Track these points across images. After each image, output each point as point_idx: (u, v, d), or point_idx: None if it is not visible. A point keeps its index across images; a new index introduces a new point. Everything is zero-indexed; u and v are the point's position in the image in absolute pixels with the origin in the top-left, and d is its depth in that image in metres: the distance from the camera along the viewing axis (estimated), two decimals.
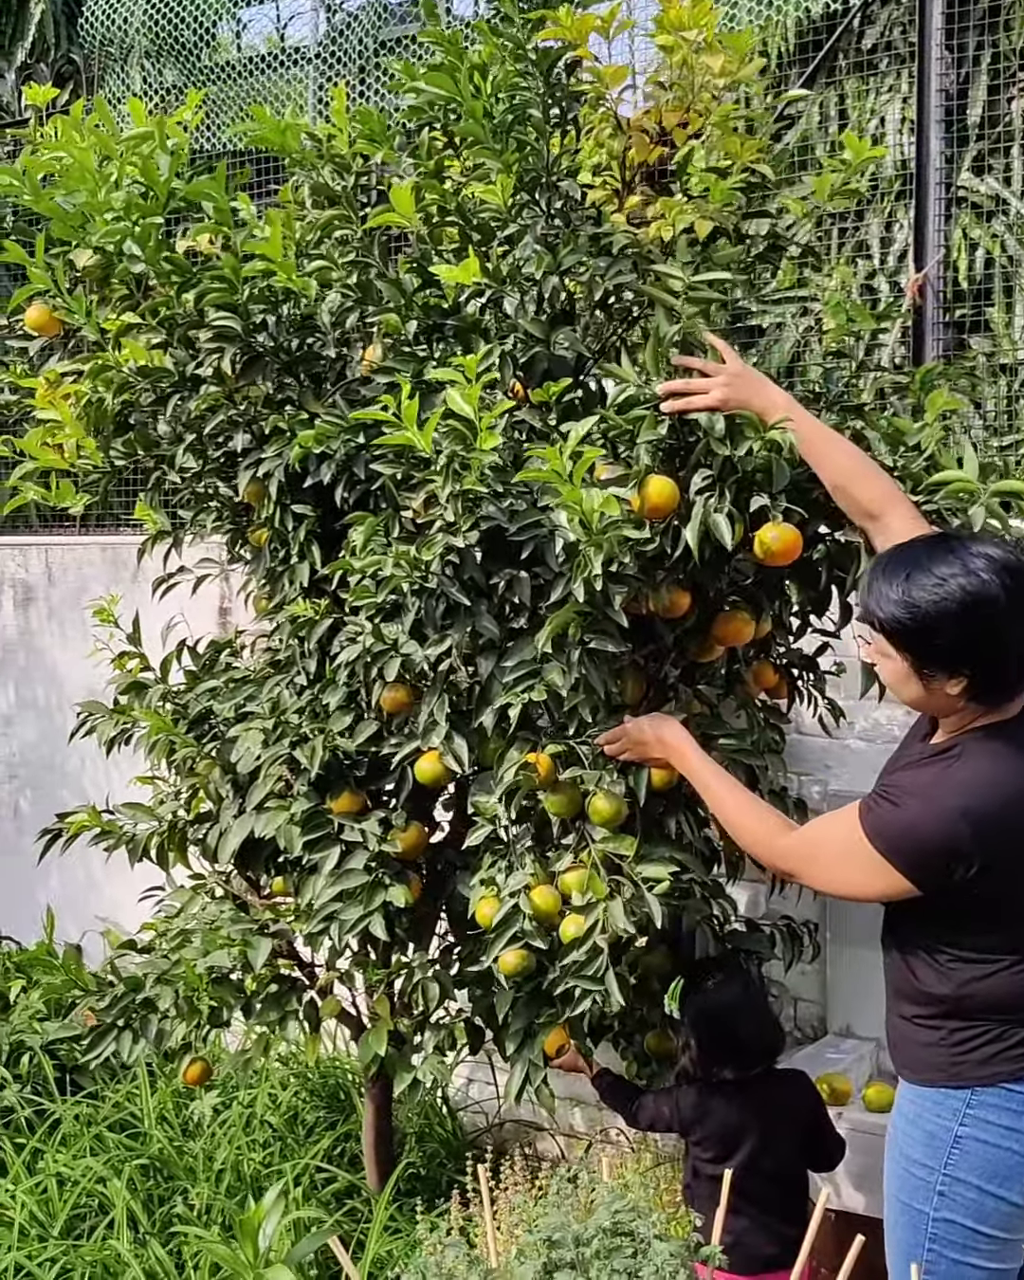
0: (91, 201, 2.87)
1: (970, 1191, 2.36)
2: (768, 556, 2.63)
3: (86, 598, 5.39)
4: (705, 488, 2.59)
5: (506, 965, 2.74)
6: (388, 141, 3.05)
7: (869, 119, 3.99)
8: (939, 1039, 2.39)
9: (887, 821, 2.32)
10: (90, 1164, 3.71)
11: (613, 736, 2.72)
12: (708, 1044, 2.91)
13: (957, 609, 2.25)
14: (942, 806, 2.28)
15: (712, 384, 2.57)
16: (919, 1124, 2.42)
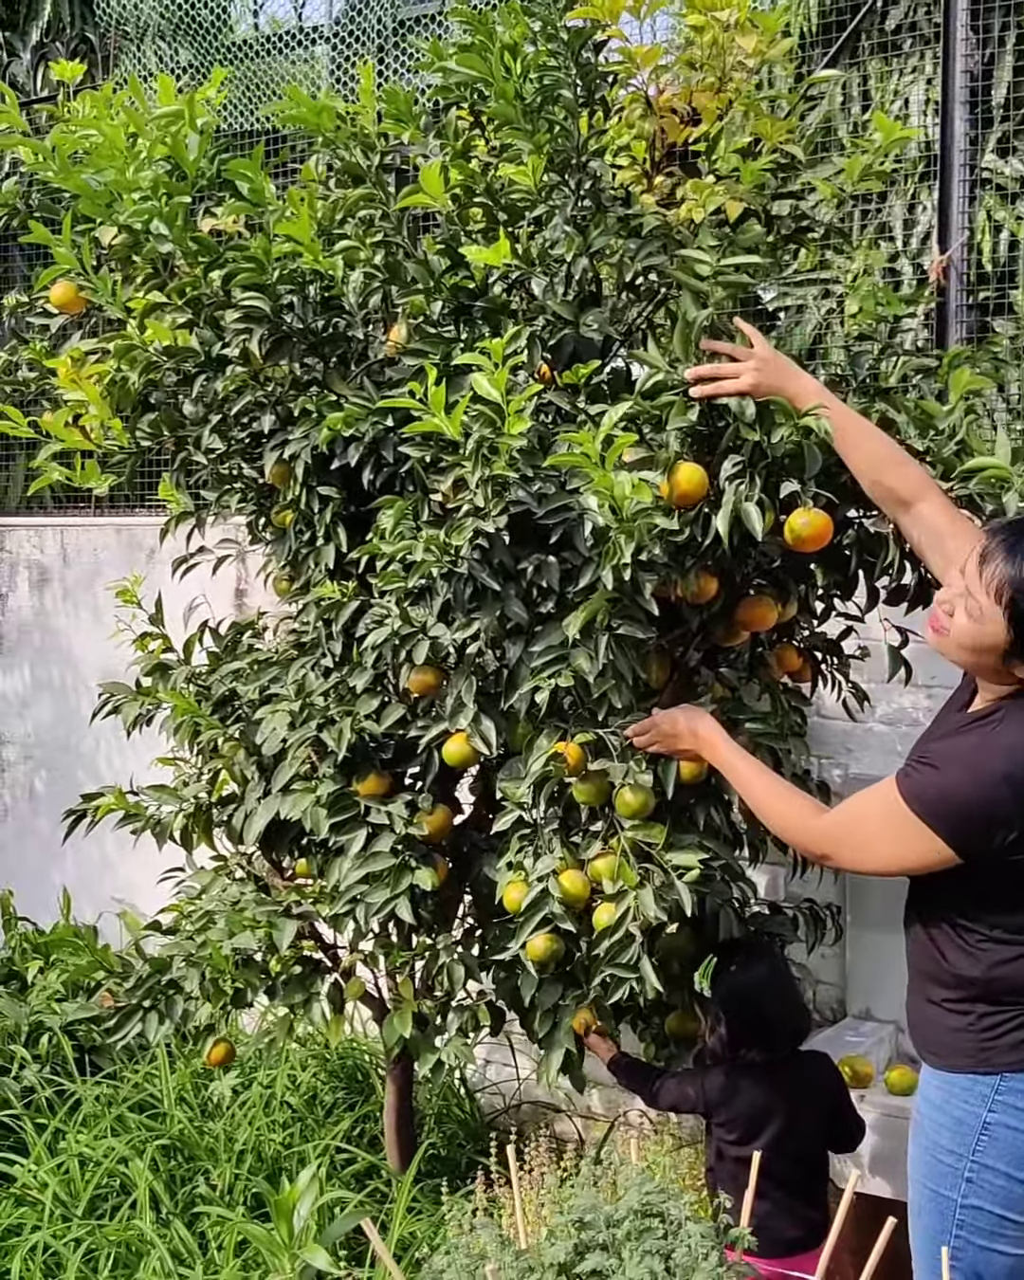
0: (120, 179, 2.86)
1: (999, 1178, 2.35)
2: (798, 542, 2.62)
3: (101, 579, 5.41)
4: (736, 474, 2.58)
5: (535, 950, 2.74)
6: (414, 121, 3.04)
7: (892, 100, 3.97)
8: (968, 1024, 2.38)
9: (926, 785, 2.31)
10: (112, 1144, 3.72)
11: (642, 729, 2.71)
12: (737, 1025, 2.91)
13: None
14: (984, 770, 2.27)
15: (742, 369, 2.56)
16: (947, 1110, 2.41)
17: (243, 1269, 3.19)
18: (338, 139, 2.97)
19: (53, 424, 3.01)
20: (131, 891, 5.25)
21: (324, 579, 3.02)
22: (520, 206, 2.78)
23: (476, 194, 2.81)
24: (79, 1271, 3.15)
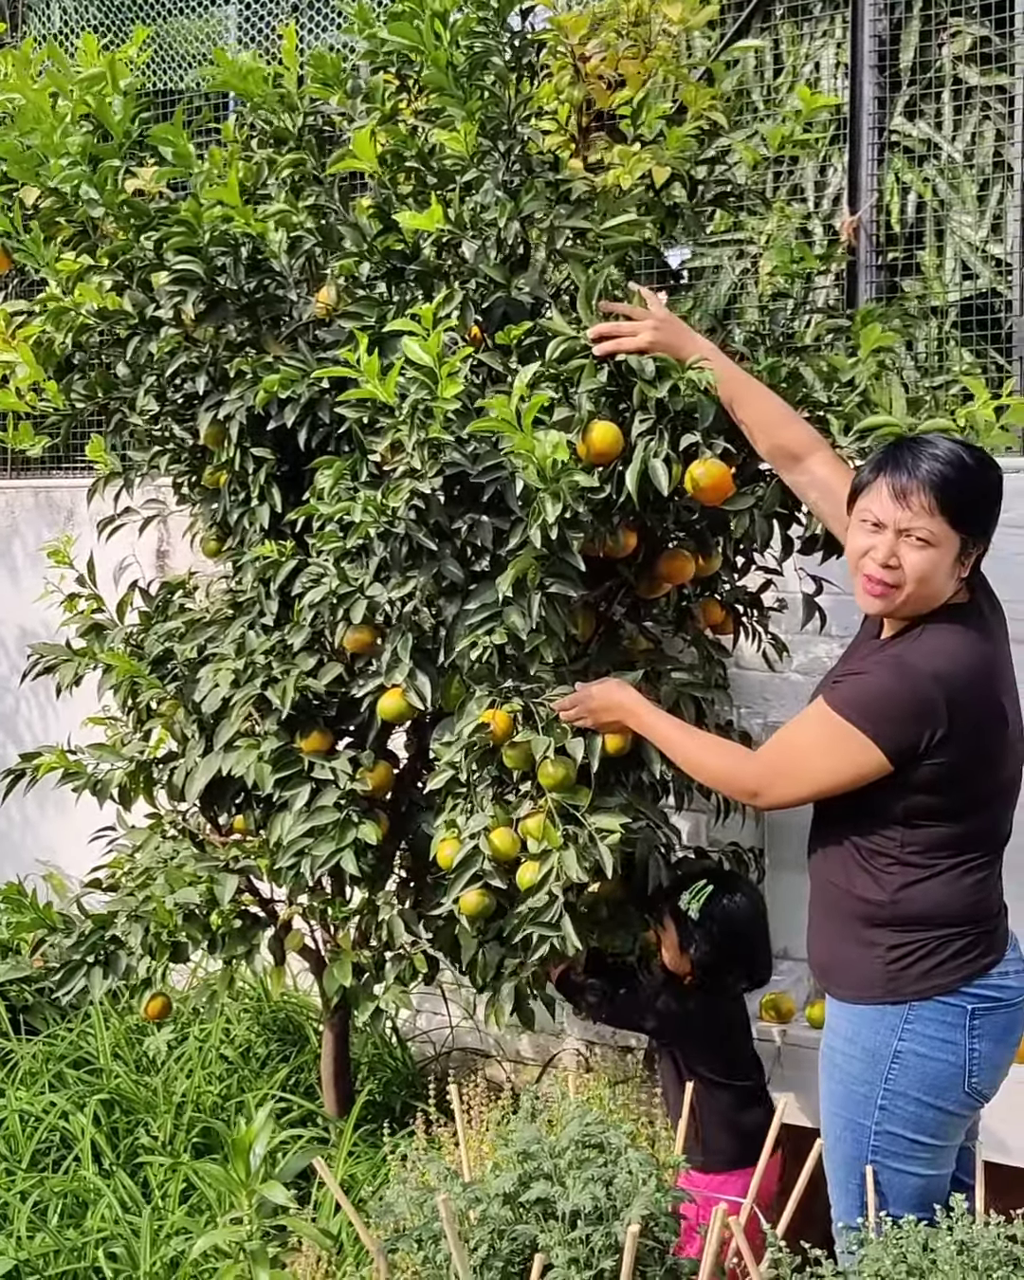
0: (47, 143, 2.86)
1: (910, 1104, 2.48)
2: (698, 493, 2.70)
3: (18, 541, 5.38)
4: (645, 431, 2.67)
5: (467, 905, 2.82)
6: (341, 85, 3.07)
7: (804, 64, 4.05)
8: (875, 956, 2.49)
9: (858, 691, 2.41)
10: (52, 1100, 3.77)
11: (569, 703, 2.77)
12: (724, 952, 3.03)
13: (996, 478, 2.43)
14: (912, 669, 2.38)
15: (639, 327, 2.66)
16: (858, 1041, 2.52)
17: (188, 1214, 3.27)
18: (265, 102, 3.00)
19: None
20: (54, 853, 5.27)
21: (259, 539, 3.07)
22: (451, 171, 2.83)
23: (407, 159, 2.85)
24: (28, 1221, 3.20)
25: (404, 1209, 2.50)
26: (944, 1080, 2.47)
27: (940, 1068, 2.47)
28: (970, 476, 2.39)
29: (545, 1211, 2.43)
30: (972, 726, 2.39)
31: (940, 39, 3.85)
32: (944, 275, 3.84)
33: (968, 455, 2.41)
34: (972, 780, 2.43)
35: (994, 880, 2.53)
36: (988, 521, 2.45)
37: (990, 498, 2.44)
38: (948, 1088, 2.47)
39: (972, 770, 2.41)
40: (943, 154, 3.85)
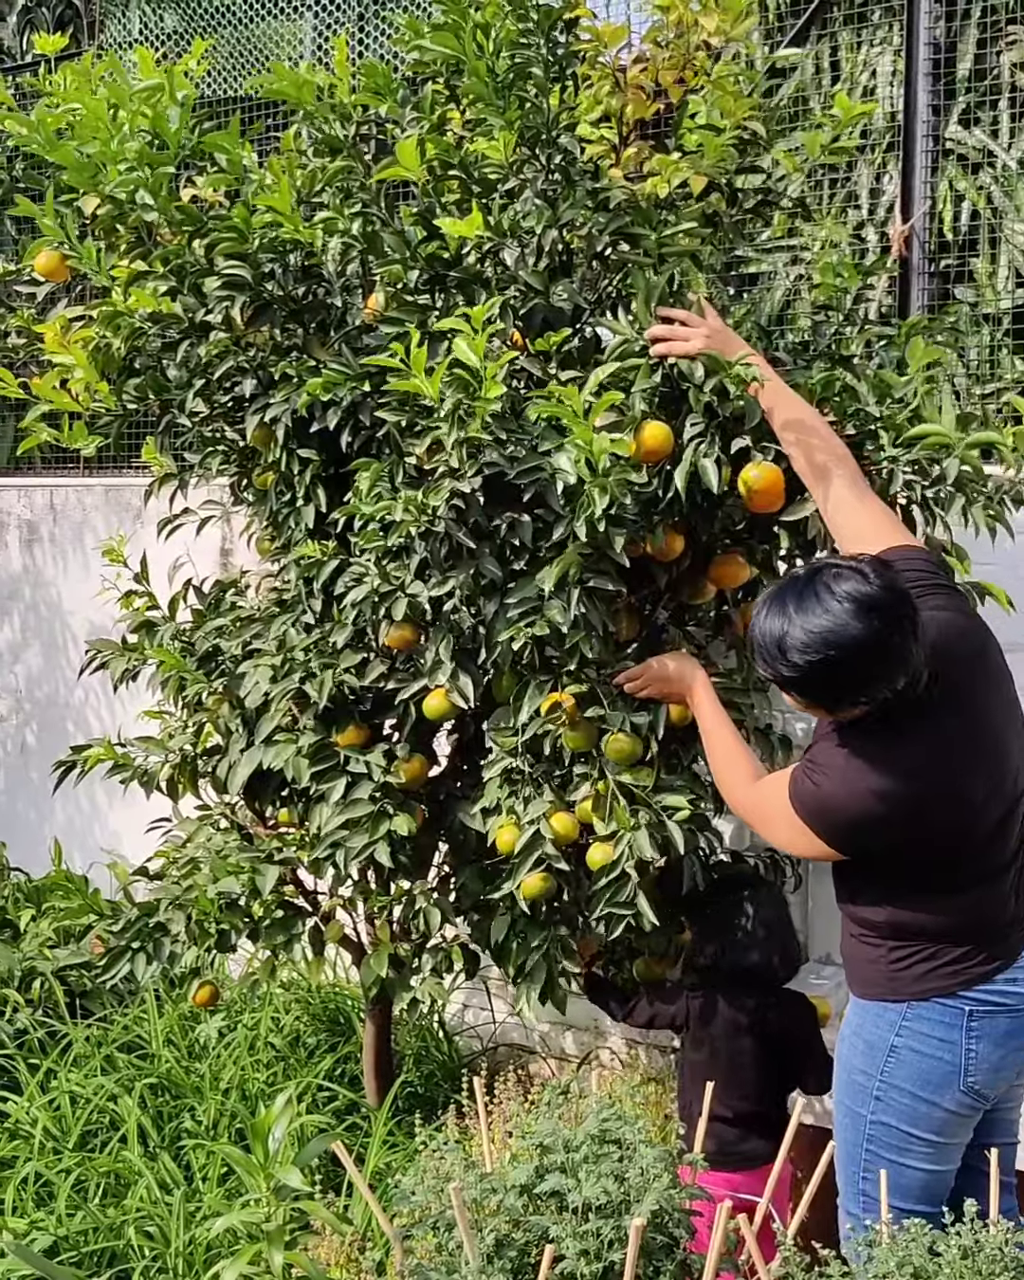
0: (104, 151, 2.95)
1: (904, 1098, 2.52)
2: (750, 495, 2.74)
3: (90, 537, 5.51)
4: (696, 435, 2.73)
5: (530, 889, 2.89)
6: (391, 95, 3.13)
7: (861, 71, 4.06)
8: (879, 955, 2.55)
9: (807, 794, 2.49)
10: (102, 1082, 3.86)
11: (634, 674, 2.88)
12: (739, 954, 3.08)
13: (834, 663, 2.33)
14: (853, 787, 2.43)
15: (692, 333, 2.73)
16: (861, 1034, 2.59)
17: (225, 1197, 3.35)
18: (317, 112, 3.06)
19: (42, 386, 3.11)
20: (119, 842, 5.38)
21: (304, 538, 3.14)
22: (492, 179, 2.88)
23: (451, 167, 2.91)
24: (69, 1199, 3.30)
25: (423, 1196, 2.56)
26: (939, 1077, 2.51)
27: (935, 1065, 2.50)
28: (794, 674, 2.38)
29: (560, 1204, 2.47)
30: (917, 817, 2.42)
31: (997, 47, 3.84)
32: (997, 283, 3.84)
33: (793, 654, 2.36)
34: (938, 842, 2.46)
35: (998, 899, 2.53)
36: (832, 698, 2.42)
37: (818, 685, 2.40)
38: (943, 1085, 2.51)
39: (943, 841, 2.45)
40: (998, 162, 3.85)
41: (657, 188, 2.71)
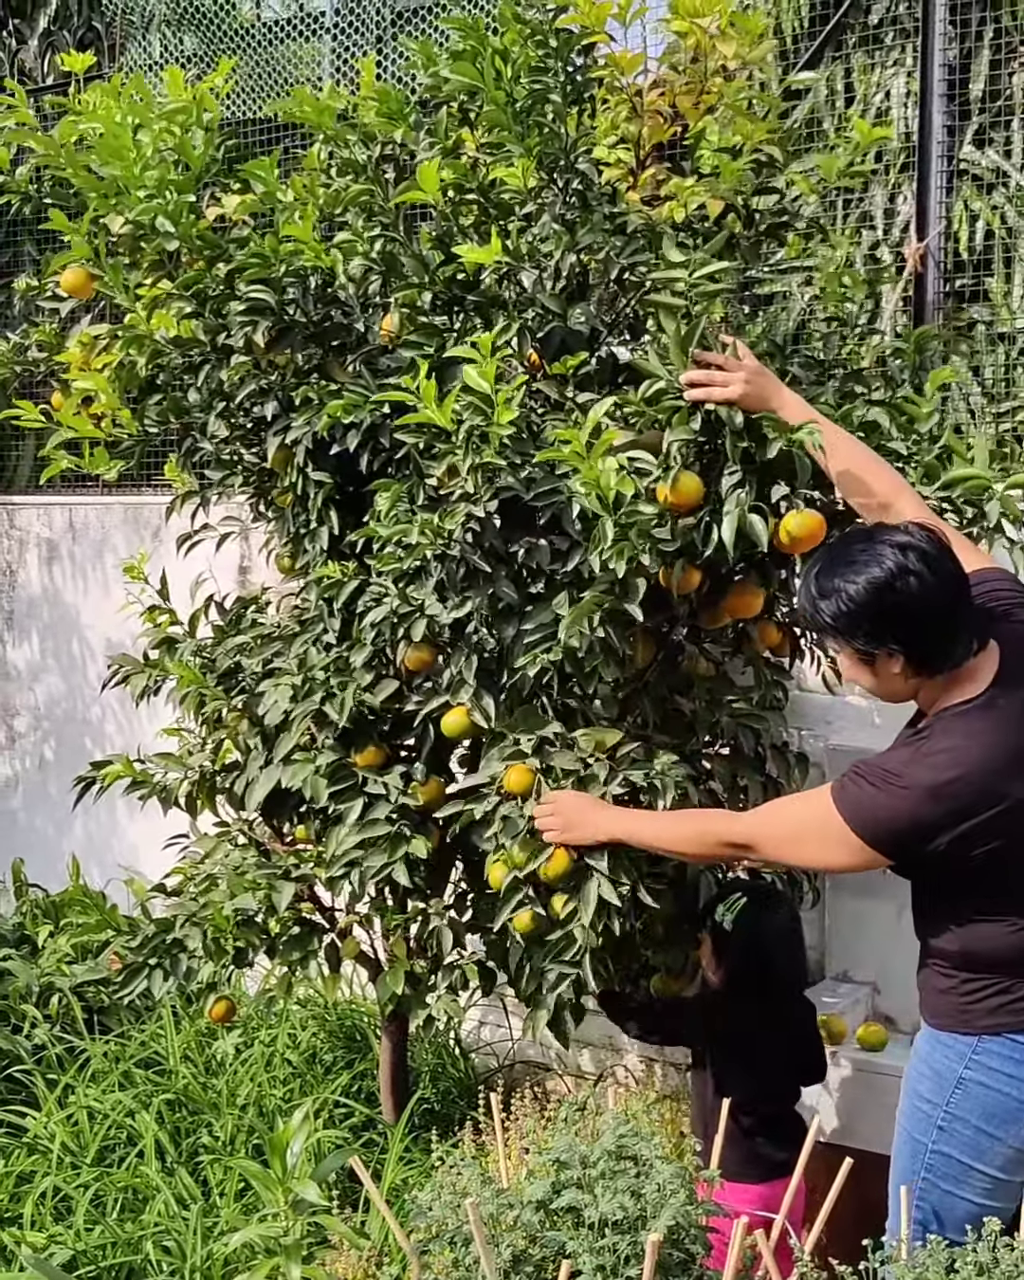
0: (127, 175, 2.98)
1: (968, 1129, 2.52)
2: (793, 544, 2.71)
3: (110, 555, 5.55)
4: (736, 484, 2.67)
5: (521, 924, 2.89)
6: (405, 119, 3.17)
7: (875, 92, 4.08)
8: (951, 987, 2.55)
9: (856, 798, 2.48)
10: (119, 1098, 3.88)
11: (540, 812, 2.81)
12: (746, 967, 3.09)
13: (863, 591, 2.42)
14: (910, 783, 2.43)
15: (731, 378, 2.65)
16: (929, 1062, 2.59)
17: (243, 1211, 3.37)
18: (338, 136, 3.10)
19: (63, 414, 3.14)
20: (137, 857, 5.41)
21: (322, 559, 3.17)
22: (510, 204, 2.91)
23: (468, 191, 2.94)
24: (88, 1214, 3.32)
25: (440, 1211, 2.57)
26: (1005, 1113, 2.50)
27: (1003, 1100, 2.50)
28: (830, 603, 2.45)
29: (576, 1219, 2.49)
30: (995, 826, 2.42)
31: (1011, 68, 3.87)
32: (1012, 302, 3.86)
33: (829, 583, 2.46)
34: (1009, 857, 2.46)
35: None
36: (872, 634, 2.46)
37: (861, 616, 2.44)
38: (1009, 1121, 2.50)
39: (1004, 850, 2.45)
40: (1012, 182, 3.87)
41: (674, 212, 2.74)
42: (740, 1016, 3.09)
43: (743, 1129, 3.02)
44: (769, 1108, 3.08)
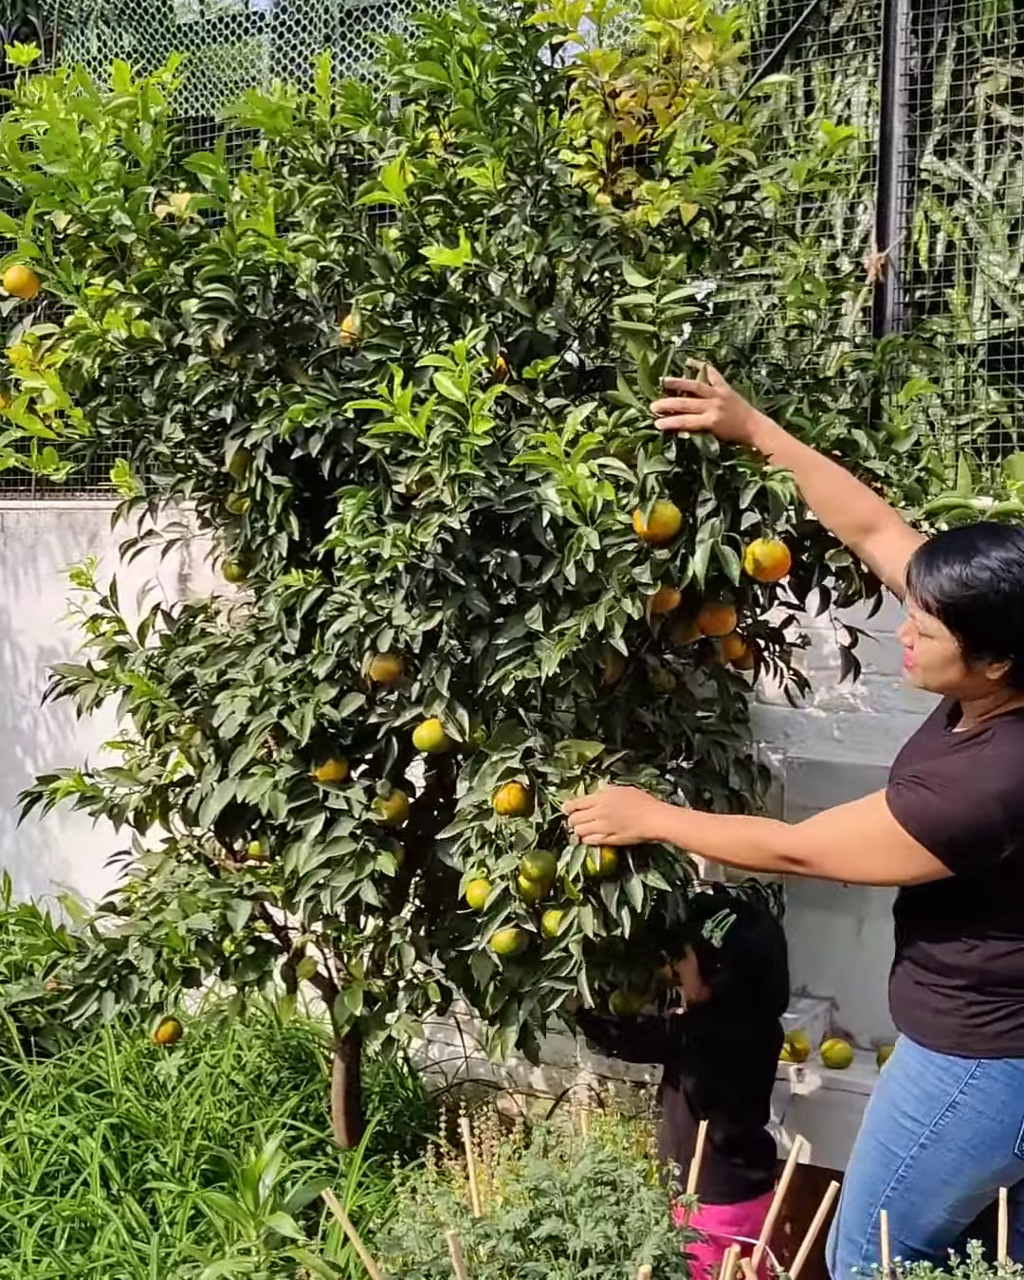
0: (76, 172, 2.88)
1: (952, 1152, 2.48)
2: (758, 572, 2.65)
3: (44, 560, 5.41)
4: (710, 513, 2.62)
5: (500, 944, 2.80)
6: (372, 116, 3.09)
7: (836, 101, 4.06)
8: (954, 1008, 2.48)
9: (920, 807, 2.38)
10: (61, 1123, 3.76)
11: (582, 804, 2.69)
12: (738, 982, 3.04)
13: (1017, 593, 2.33)
14: (976, 790, 2.36)
15: (704, 405, 2.60)
16: (919, 1083, 2.52)
17: (196, 1241, 3.26)
18: (295, 137, 3.01)
19: (14, 413, 3.03)
20: (69, 874, 5.28)
21: (281, 567, 3.07)
22: (479, 205, 2.84)
23: (435, 192, 2.86)
24: (35, 1246, 3.19)
25: (413, 1243, 2.49)
26: (992, 1139, 2.47)
27: (993, 1127, 2.46)
28: (970, 592, 2.36)
29: (556, 1249, 2.41)
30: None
31: (973, 78, 3.85)
32: (972, 314, 3.84)
33: (980, 570, 2.36)
34: None
35: None
36: (997, 633, 2.38)
37: (993, 612, 2.37)
38: (995, 1147, 2.47)
39: None
40: (974, 193, 3.86)
41: (649, 215, 2.68)
42: (733, 1032, 3.05)
43: (719, 1149, 2.97)
44: (748, 1126, 3.04)
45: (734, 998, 3.05)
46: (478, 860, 2.81)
